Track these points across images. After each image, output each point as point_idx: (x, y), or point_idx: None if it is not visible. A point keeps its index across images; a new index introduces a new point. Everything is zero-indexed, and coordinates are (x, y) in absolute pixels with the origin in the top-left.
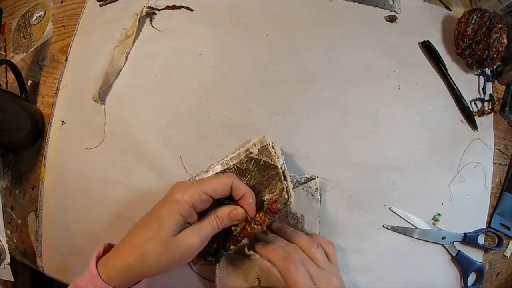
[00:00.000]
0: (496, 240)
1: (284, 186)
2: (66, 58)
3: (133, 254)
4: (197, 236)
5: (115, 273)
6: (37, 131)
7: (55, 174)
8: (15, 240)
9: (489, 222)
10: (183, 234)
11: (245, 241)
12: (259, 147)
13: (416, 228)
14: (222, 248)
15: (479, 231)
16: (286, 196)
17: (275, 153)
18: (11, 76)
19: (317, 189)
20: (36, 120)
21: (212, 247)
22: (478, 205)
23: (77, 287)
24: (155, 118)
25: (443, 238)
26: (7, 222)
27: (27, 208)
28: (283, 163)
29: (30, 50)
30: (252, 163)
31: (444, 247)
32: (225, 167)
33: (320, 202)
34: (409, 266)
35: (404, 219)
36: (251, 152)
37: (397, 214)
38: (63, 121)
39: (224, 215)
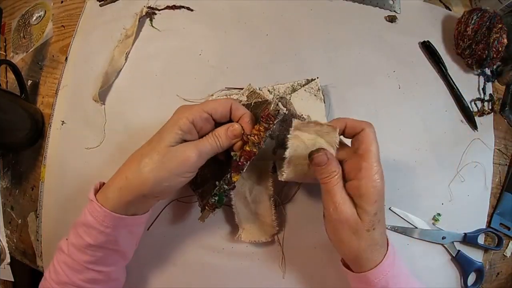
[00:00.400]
0: (496, 240)
1: (271, 100)
2: (66, 58)
3: (130, 168)
4: (195, 149)
5: (112, 192)
6: (37, 131)
7: (55, 174)
8: (15, 240)
9: (489, 222)
10: (180, 146)
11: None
12: (247, 94)
13: (416, 228)
14: (224, 182)
15: (479, 231)
16: (276, 100)
17: (263, 93)
18: (11, 76)
19: (318, 88)
20: (36, 120)
21: (213, 186)
22: (478, 205)
23: (76, 224)
24: (155, 118)
25: (443, 238)
26: (7, 222)
27: (27, 208)
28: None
29: (30, 50)
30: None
31: (444, 247)
32: None
33: (324, 101)
34: (409, 266)
35: (404, 219)
36: (241, 101)
37: (397, 214)
38: (63, 121)
39: (221, 132)
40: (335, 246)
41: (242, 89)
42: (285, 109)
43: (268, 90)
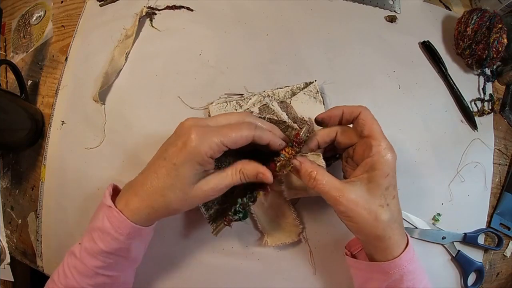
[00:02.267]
0: (496, 240)
1: (290, 123)
2: (66, 58)
3: (156, 201)
4: (218, 185)
5: (141, 216)
6: (37, 131)
7: (55, 174)
8: (15, 240)
9: (489, 222)
10: (203, 184)
11: None
12: (259, 106)
13: (416, 228)
14: (249, 200)
15: (479, 231)
16: (308, 125)
17: (277, 111)
18: (11, 76)
19: (317, 91)
20: (36, 120)
21: (235, 203)
22: (478, 205)
23: (93, 228)
24: (155, 118)
25: (443, 238)
26: (7, 222)
27: (27, 208)
28: (287, 117)
29: (30, 50)
30: None
31: (444, 247)
32: None
33: (323, 103)
34: None
35: (404, 219)
36: (252, 112)
37: None
38: (63, 121)
39: (251, 174)
40: (359, 236)
41: (241, 95)
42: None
43: (279, 106)
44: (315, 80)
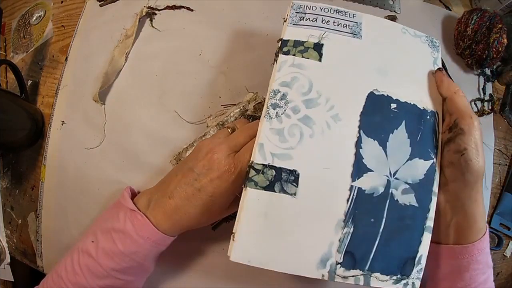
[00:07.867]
0: (496, 240)
1: None
2: (66, 58)
3: (189, 222)
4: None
5: (171, 232)
6: (37, 131)
7: (55, 174)
8: (15, 240)
9: (489, 222)
10: (233, 203)
11: None
12: (254, 104)
13: None
14: None
15: None
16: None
17: None
18: (11, 76)
19: None
20: (36, 120)
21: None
22: None
23: (112, 229)
24: (155, 118)
25: None
26: (7, 222)
27: (27, 208)
28: None
29: (30, 50)
30: (249, 120)
31: None
32: (221, 128)
33: None
34: None
35: None
36: (247, 110)
37: None
38: (63, 121)
39: None
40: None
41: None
42: None
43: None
44: None
